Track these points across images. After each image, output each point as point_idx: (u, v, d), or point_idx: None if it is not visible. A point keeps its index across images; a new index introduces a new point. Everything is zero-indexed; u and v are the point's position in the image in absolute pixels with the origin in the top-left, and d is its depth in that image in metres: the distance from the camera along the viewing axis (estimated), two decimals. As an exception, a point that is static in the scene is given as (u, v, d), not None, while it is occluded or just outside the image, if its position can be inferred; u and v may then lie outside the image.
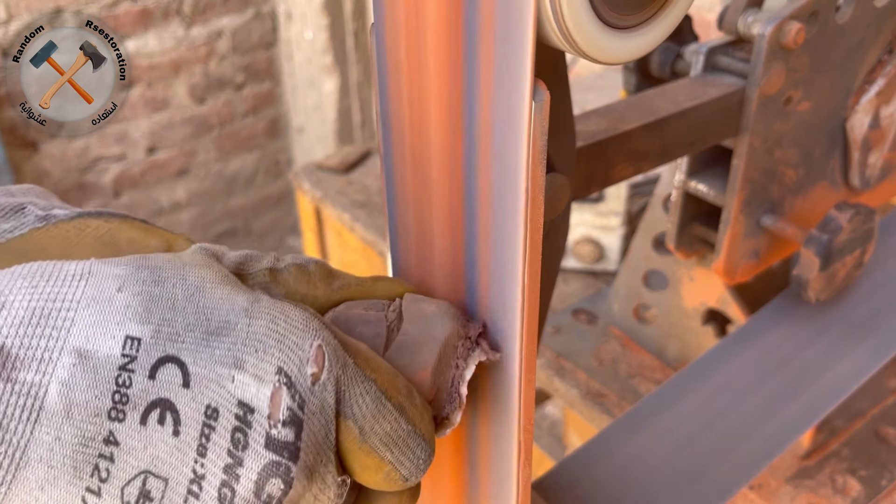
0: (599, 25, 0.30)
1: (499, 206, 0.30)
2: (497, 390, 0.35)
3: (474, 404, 0.37)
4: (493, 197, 0.30)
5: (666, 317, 0.79)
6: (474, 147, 0.30)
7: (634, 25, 0.31)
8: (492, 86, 0.28)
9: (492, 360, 0.33)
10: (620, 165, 0.51)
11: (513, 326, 0.32)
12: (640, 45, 0.32)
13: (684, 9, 0.33)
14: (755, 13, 0.57)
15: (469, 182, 0.31)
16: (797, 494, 0.66)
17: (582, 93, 1.12)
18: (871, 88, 0.64)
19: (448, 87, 0.30)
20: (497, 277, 0.32)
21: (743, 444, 0.56)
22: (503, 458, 0.36)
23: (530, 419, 0.35)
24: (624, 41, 0.31)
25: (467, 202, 0.31)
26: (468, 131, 0.30)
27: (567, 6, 0.28)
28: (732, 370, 0.61)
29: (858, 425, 0.71)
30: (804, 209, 0.66)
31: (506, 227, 0.30)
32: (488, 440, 0.37)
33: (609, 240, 0.96)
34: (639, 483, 0.54)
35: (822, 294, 0.61)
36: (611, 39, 0.31)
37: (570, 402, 0.80)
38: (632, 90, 0.67)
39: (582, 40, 0.30)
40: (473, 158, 0.30)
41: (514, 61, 0.26)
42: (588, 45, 0.30)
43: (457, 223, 0.33)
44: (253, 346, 0.26)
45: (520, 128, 0.27)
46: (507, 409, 0.34)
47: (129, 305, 0.25)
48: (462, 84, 0.29)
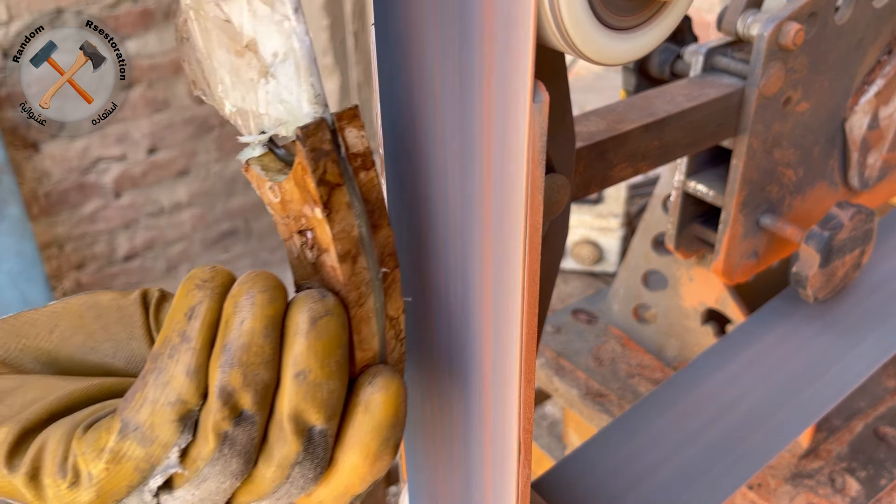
0: (598, 27, 0.30)
1: (498, 206, 0.30)
2: (497, 390, 0.35)
3: (475, 404, 0.37)
4: (493, 197, 0.30)
5: (665, 317, 0.79)
6: (474, 147, 0.30)
7: (633, 27, 0.31)
8: (491, 86, 0.28)
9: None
10: (620, 166, 0.51)
11: (512, 326, 0.32)
12: (639, 46, 0.32)
13: (683, 10, 0.33)
14: (754, 14, 0.58)
15: (469, 182, 0.31)
16: (796, 494, 0.66)
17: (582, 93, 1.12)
18: (870, 89, 0.64)
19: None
20: (497, 277, 0.32)
21: (742, 444, 0.56)
22: (503, 458, 0.36)
23: (530, 419, 0.35)
24: (623, 42, 0.31)
25: (467, 202, 0.32)
26: (468, 131, 0.30)
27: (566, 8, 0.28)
28: (731, 370, 0.61)
29: (858, 425, 0.71)
30: (803, 209, 0.66)
31: (505, 227, 0.30)
32: (488, 440, 0.37)
33: (608, 241, 0.96)
34: (639, 483, 0.54)
35: (820, 292, 0.61)
36: (610, 41, 0.31)
37: (570, 401, 0.80)
38: (631, 91, 0.67)
39: (581, 42, 0.30)
40: (473, 158, 0.30)
41: (514, 62, 0.26)
42: (587, 46, 0.30)
43: (456, 223, 0.33)
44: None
45: (519, 128, 0.27)
46: (506, 408, 0.34)
47: None
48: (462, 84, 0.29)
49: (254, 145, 0.29)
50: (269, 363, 0.27)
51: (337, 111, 0.28)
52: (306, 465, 0.28)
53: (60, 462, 0.28)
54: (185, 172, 2.16)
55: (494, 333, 0.33)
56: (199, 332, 0.27)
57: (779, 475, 0.67)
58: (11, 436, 0.28)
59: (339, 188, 0.28)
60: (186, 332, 0.27)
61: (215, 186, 2.24)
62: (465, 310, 0.35)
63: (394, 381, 0.29)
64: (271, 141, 0.29)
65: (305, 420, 0.27)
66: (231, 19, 0.27)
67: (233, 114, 0.30)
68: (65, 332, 0.32)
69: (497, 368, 0.34)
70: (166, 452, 0.27)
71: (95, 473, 0.27)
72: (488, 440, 0.37)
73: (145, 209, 2.12)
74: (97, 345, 0.32)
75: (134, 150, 2.03)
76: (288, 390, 0.27)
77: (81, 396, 0.30)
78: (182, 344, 0.27)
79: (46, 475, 0.28)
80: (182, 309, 0.27)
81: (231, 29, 0.27)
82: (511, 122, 0.28)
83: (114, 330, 0.32)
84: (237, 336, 0.26)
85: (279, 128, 0.28)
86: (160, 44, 1.96)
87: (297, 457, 0.27)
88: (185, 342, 0.27)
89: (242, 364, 0.26)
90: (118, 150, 2.00)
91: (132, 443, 0.27)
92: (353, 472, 0.29)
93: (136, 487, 0.28)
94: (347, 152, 0.28)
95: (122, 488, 0.28)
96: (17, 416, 0.29)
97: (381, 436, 0.28)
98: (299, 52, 0.26)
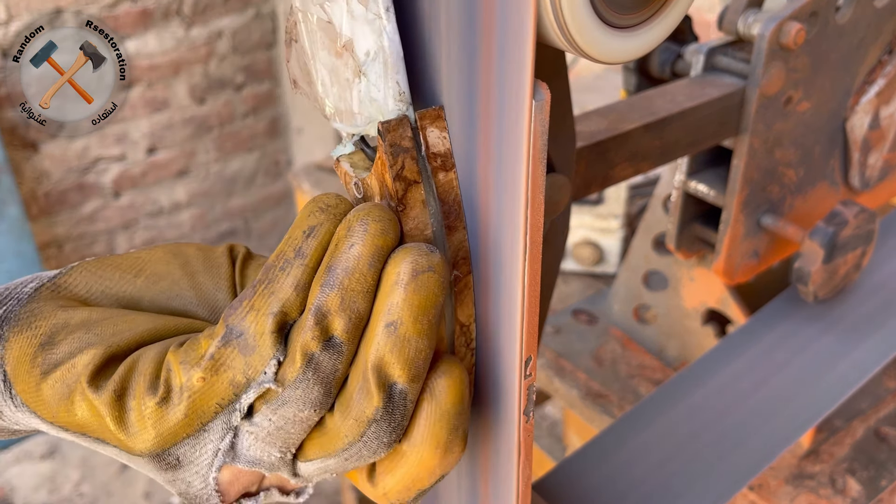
0: (600, 25, 0.30)
1: (498, 205, 0.30)
2: (497, 390, 0.35)
3: (475, 405, 0.37)
4: (493, 197, 0.30)
5: (666, 317, 0.79)
6: (474, 147, 0.30)
7: (635, 25, 0.31)
8: (492, 85, 0.28)
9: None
10: (620, 165, 0.51)
11: (513, 326, 0.32)
12: (640, 44, 0.32)
13: (684, 9, 0.33)
14: (755, 13, 0.57)
15: (468, 182, 0.31)
16: (797, 494, 0.65)
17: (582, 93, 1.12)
18: (871, 89, 0.64)
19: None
20: (497, 277, 0.32)
21: (743, 445, 0.56)
22: (503, 458, 0.36)
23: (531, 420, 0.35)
24: (624, 41, 0.31)
25: (467, 202, 0.31)
26: (468, 130, 0.30)
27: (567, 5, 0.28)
28: (732, 370, 0.61)
29: (859, 426, 0.71)
30: (804, 209, 0.66)
31: (505, 226, 0.30)
32: (488, 440, 0.37)
33: (608, 242, 0.96)
34: (639, 483, 0.54)
35: (821, 290, 0.61)
36: (611, 39, 0.31)
37: (570, 402, 0.80)
38: (632, 90, 0.67)
39: (582, 40, 0.30)
40: (473, 158, 0.30)
41: (514, 60, 0.26)
42: (588, 44, 0.30)
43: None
44: None
45: (520, 127, 0.27)
46: (507, 409, 0.34)
47: None
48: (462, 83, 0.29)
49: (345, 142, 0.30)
50: (368, 293, 0.27)
51: (421, 110, 0.28)
52: (383, 425, 0.27)
53: (152, 379, 0.27)
54: (185, 172, 2.16)
55: (495, 333, 0.33)
56: (314, 249, 0.27)
57: (780, 476, 0.67)
58: (98, 358, 0.28)
59: (416, 185, 0.28)
60: (302, 249, 0.27)
61: (215, 186, 2.24)
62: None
63: (454, 366, 0.28)
64: (363, 140, 0.29)
65: (388, 374, 0.27)
66: (332, 20, 0.28)
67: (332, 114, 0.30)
68: (150, 277, 0.32)
69: (498, 368, 0.34)
70: (264, 364, 0.27)
71: (189, 385, 0.27)
72: (488, 440, 0.37)
73: (145, 209, 2.12)
74: (182, 292, 0.32)
75: (133, 150, 2.03)
76: (376, 339, 0.26)
77: (170, 329, 0.30)
78: (296, 259, 0.27)
79: (133, 396, 0.27)
80: (302, 226, 0.28)
81: (332, 30, 0.28)
82: (511, 120, 0.27)
83: (201, 279, 0.32)
84: (344, 259, 0.26)
85: (369, 126, 0.29)
86: (160, 43, 1.95)
87: (375, 413, 0.27)
88: (300, 258, 0.27)
89: (343, 288, 0.26)
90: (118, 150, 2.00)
91: (234, 350, 0.27)
92: (420, 465, 0.28)
93: (226, 407, 0.27)
94: (427, 151, 0.28)
95: (212, 406, 0.27)
96: (107, 339, 0.28)
97: (450, 424, 0.28)
98: (388, 49, 0.27)
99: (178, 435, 0.27)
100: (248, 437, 0.28)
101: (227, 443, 0.28)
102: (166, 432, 0.27)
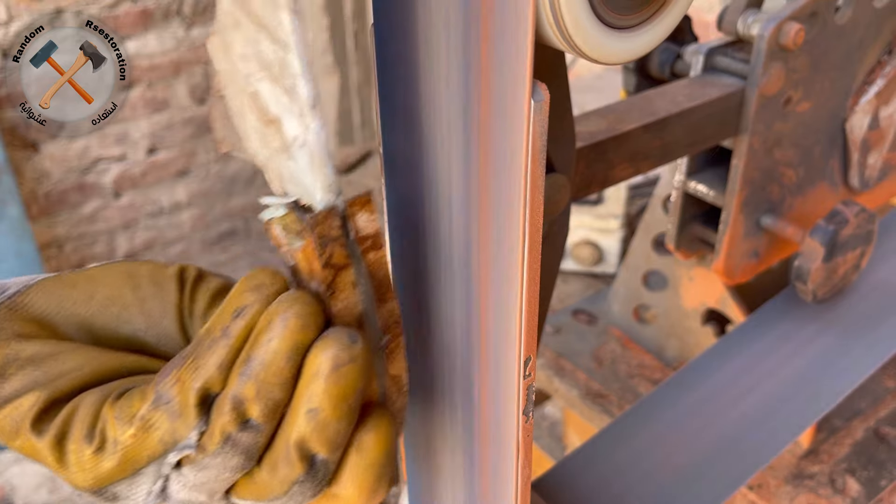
0: (599, 25, 0.30)
1: (498, 206, 0.30)
2: (497, 390, 0.35)
3: (474, 405, 0.37)
4: (493, 197, 0.30)
5: (666, 317, 0.79)
6: (473, 147, 0.30)
7: (634, 25, 0.31)
8: (491, 85, 0.28)
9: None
10: (620, 166, 0.51)
11: (512, 326, 0.32)
12: (639, 45, 0.32)
13: (683, 9, 0.33)
14: (755, 14, 0.58)
15: (469, 181, 0.31)
16: (797, 494, 0.66)
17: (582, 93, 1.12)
18: (871, 89, 0.64)
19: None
20: (496, 277, 0.32)
21: (742, 444, 0.56)
22: (503, 457, 0.36)
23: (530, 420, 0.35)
24: (623, 41, 0.31)
25: (466, 201, 0.31)
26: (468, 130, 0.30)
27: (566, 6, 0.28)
28: (731, 370, 0.61)
29: (858, 425, 0.71)
30: (803, 209, 0.66)
31: (505, 226, 0.30)
32: (488, 440, 0.37)
33: (608, 242, 0.96)
34: (638, 483, 0.54)
35: (820, 289, 0.61)
36: (610, 39, 0.31)
37: (570, 402, 0.80)
38: (632, 91, 0.67)
39: (581, 40, 0.30)
40: (473, 158, 0.30)
41: (513, 61, 0.26)
42: (587, 45, 0.30)
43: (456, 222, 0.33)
44: None
45: (519, 128, 0.27)
46: (506, 409, 0.34)
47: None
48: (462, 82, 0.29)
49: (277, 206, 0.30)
50: (285, 384, 0.28)
51: (350, 198, 0.29)
52: (307, 485, 0.29)
53: (89, 428, 0.29)
54: (185, 173, 2.16)
55: (494, 333, 0.33)
56: (241, 330, 0.28)
57: (779, 475, 0.67)
58: (41, 402, 0.30)
59: (345, 269, 0.29)
60: (229, 329, 0.28)
61: (215, 187, 2.24)
62: (466, 310, 0.34)
63: (383, 419, 0.30)
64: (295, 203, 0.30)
65: (310, 449, 0.28)
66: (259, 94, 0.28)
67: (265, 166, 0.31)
68: (102, 301, 0.33)
69: (497, 368, 0.34)
70: (188, 431, 0.28)
71: (122, 439, 0.29)
72: (488, 440, 0.37)
73: (145, 209, 2.12)
74: (131, 318, 0.33)
75: (133, 151, 2.03)
76: (298, 421, 0.28)
77: (114, 370, 0.31)
78: (222, 339, 0.28)
79: (72, 440, 0.29)
80: (233, 305, 0.29)
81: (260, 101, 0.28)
82: (511, 121, 0.28)
83: (149, 305, 0.33)
84: (262, 353, 0.28)
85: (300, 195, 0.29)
86: (160, 44, 1.95)
87: (298, 477, 0.29)
88: (225, 338, 0.28)
89: (259, 380, 0.27)
90: (118, 151, 2.00)
91: (162, 414, 0.28)
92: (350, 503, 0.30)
93: (156, 459, 0.29)
94: (357, 235, 0.29)
95: (144, 458, 0.29)
96: (51, 382, 0.30)
97: (377, 473, 0.30)
98: (313, 144, 0.27)
99: (113, 478, 0.29)
100: (178, 483, 0.30)
101: (159, 486, 0.30)
102: (102, 475, 0.29)
